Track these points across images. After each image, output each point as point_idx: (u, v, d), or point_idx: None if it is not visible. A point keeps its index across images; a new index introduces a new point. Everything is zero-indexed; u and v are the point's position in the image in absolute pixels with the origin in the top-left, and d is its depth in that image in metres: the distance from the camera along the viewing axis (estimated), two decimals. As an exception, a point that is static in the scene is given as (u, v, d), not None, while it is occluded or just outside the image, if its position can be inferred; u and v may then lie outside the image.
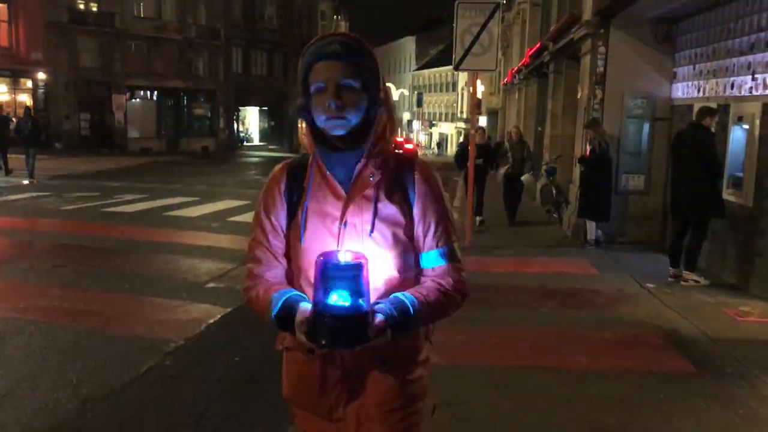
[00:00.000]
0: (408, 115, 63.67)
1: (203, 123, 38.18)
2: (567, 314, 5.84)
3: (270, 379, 3.85)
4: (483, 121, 32.75)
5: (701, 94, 7.98)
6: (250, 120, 44.63)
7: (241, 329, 5.07)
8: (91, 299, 5.96)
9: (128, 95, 33.26)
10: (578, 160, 9.43)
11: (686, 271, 6.86)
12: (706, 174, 6.64)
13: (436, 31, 60.98)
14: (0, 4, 28.49)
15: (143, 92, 34.72)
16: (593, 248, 8.71)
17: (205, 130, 37.90)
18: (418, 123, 62.18)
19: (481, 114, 32.40)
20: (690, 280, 6.80)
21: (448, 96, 57.44)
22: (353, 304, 1.46)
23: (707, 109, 6.87)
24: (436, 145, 58.56)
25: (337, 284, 1.46)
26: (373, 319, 1.50)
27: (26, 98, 29.36)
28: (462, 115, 49.00)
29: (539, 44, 15.76)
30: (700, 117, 6.78)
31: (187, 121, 36.75)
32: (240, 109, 41.63)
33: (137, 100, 34.33)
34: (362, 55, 1.64)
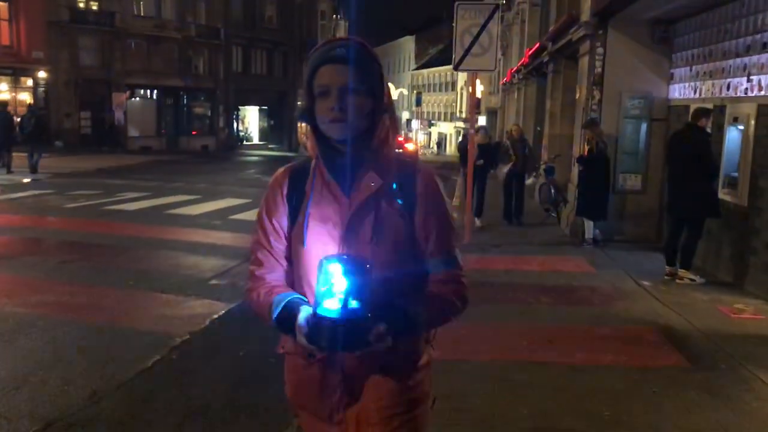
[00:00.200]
0: (407, 114, 63.74)
1: (203, 122, 38.26)
2: (564, 311, 5.95)
3: (274, 373, 3.91)
4: (482, 120, 32.84)
5: (698, 95, 8.09)
6: (250, 119, 44.68)
7: (245, 325, 5.16)
8: (97, 294, 6.07)
9: (128, 94, 33.35)
10: (576, 159, 9.53)
11: (682, 270, 6.97)
12: (702, 174, 6.75)
13: (436, 30, 61.03)
14: (1, 3, 28.54)
15: (143, 91, 34.83)
16: (591, 247, 8.82)
17: (205, 129, 37.96)
18: (417, 122, 62.27)
19: (480, 113, 32.47)
20: (685, 278, 6.91)
21: (447, 95, 57.52)
22: (354, 308, 1.47)
23: (703, 110, 6.97)
24: (435, 144, 58.68)
25: (338, 288, 1.47)
26: (373, 324, 1.50)
27: (27, 97, 29.39)
28: (461, 115, 49.08)
29: (538, 44, 15.87)
30: (696, 118, 6.88)
31: (186, 120, 36.83)
32: (240, 108, 41.70)
33: (137, 98, 34.43)
34: (367, 60, 1.65)
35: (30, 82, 29.88)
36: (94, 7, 32.45)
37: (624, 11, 8.60)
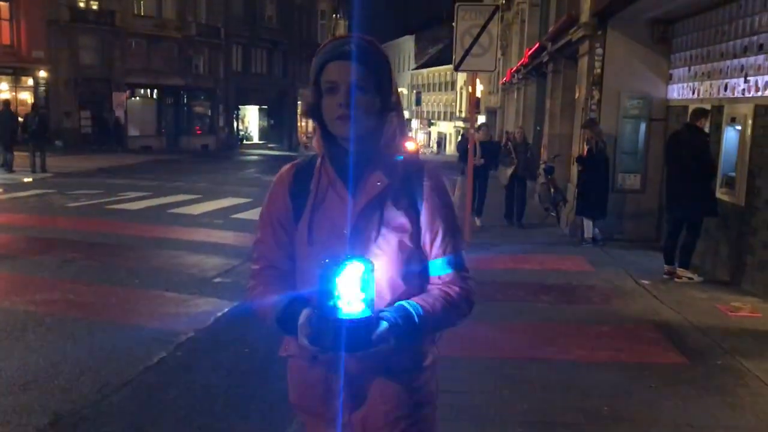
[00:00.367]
0: (407, 114, 63.81)
1: (203, 121, 38.32)
2: (563, 309, 6.03)
3: (278, 370, 4.00)
4: (482, 119, 32.88)
5: (696, 96, 8.16)
6: (250, 118, 44.74)
7: (249, 322, 5.21)
8: (102, 293, 6.15)
9: (128, 93, 33.41)
10: (576, 159, 9.60)
11: (680, 268, 7.05)
12: (701, 174, 6.82)
13: (435, 30, 61.07)
14: (1, 3, 28.59)
15: (143, 90, 34.88)
16: (590, 246, 8.89)
17: (205, 128, 38.03)
18: (417, 122, 62.35)
19: (479, 113, 32.52)
20: (684, 277, 6.99)
21: (447, 95, 57.56)
22: (357, 308, 1.45)
23: (701, 110, 7.05)
24: (435, 143, 58.76)
25: (342, 288, 1.45)
26: (377, 324, 1.49)
27: (27, 96, 29.46)
28: (461, 114, 49.14)
29: (538, 44, 15.93)
30: (695, 118, 6.96)
31: (186, 120, 36.88)
32: (240, 107, 41.76)
33: (137, 98, 34.49)
34: (376, 58, 1.62)
35: (30, 81, 29.93)
36: (95, 7, 32.49)
37: (623, 12, 8.68)
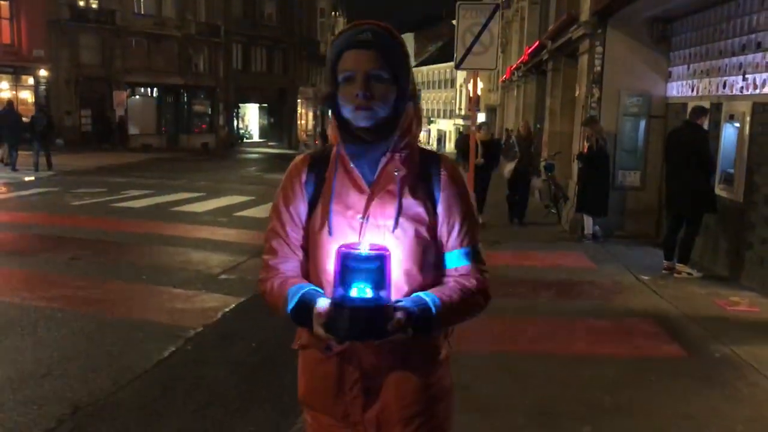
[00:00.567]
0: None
1: (203, 120, 38.39)
2: (565, 304, 6.11)
3: (286, 363, 4.11)
4: (481, 117, 32.96)
5: (695, 93, 8.25)
6: (250, 117, 44.82)
7: (256, 317, 5.33)
8: (110, 289, 6.25)
9: (129, 92, 33.49)
10: (576, 156, 9.69)
11: (680, 264, 7.13)
12: (700, 171, 6.91)
13: (435, 28, 61.21)
14: (2, 2, 28.65)
15: (143, 89, 34.95)
16: (590, 242, 8.98)
17: (205, 126, 38.11)
18: (417, 119, 62.43)
19: (479, 110, 32.59)
20: (683, 272, 7.08)
21: (447, 93, 57.69)
22: (373, 296, 1.44)
23: (701, 108, 7.14)
24: (435, 141, 58.87)
25: (358, 276, 1.44)
26: (393, 313, 1.47)
27: (28, 95, 29.57)
28: (460, 112, 49.22)
29: (538, 43, 16.01)
30: (695, 116, 7.05)
31: (186, 118, 36.95)
32: (240, 105, 41.82)
33: (137, 96, 34.55)
34: (393, 46, 1.59)
35: (31, 80, 30.01)
36: (95, 6, 32.56)
37: (623, 10, 8.76)
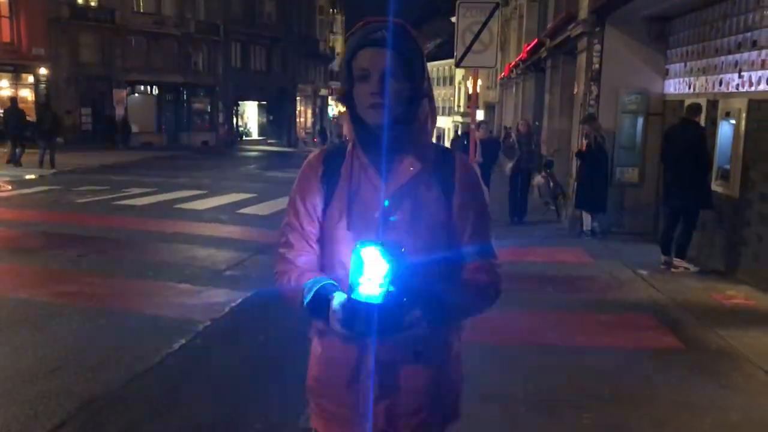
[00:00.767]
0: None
1: (203, 118, 38.46)
2: (564, 298, 6.23)
3: (293, 356, 4.17)
4: (480, 114, 33.07)
5: (692, 91, 8.36)
6: (249, 115, 44.89)
7: (262, 312, 5.44)
8: (118, 285, 6.36)
9: (128, 90, 33.56)
10: (575, 153, 9.80)
11: (677, 259, 7.25)
12: (697, 167, 7.02)
13: (433, 25, 61.16)
14: (2, 0, 28.69)
15: (143, 87, 35.02)
16: (589, 238, 9.09)
17: (204, 124, 38.19)
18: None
19: (478, 108, 32.68)
20: (680, 267, 7.19)
21: (445, 90, 57.68)
22: (390, 293, 1.46)
23: (697, 105, 7.26)
24: (436, 137, 58.98)
25: (374, 273, 1.47)
26: (409, 309, 1.49)
27: (28, 93, 29.62)
28: (459, 109, 49.31)
29: (536, 40, 16.10)
30: (692, 114, 7.16)
31: (186, 116, 37.02)
32: (239, 103, 41.89)
33: (137, 95, 34.62)
34: (409, 43, 1.60)
35: (31, 78, 30.06)
36: (94, 4, 32.62)
37: (621, 9, 8.87)
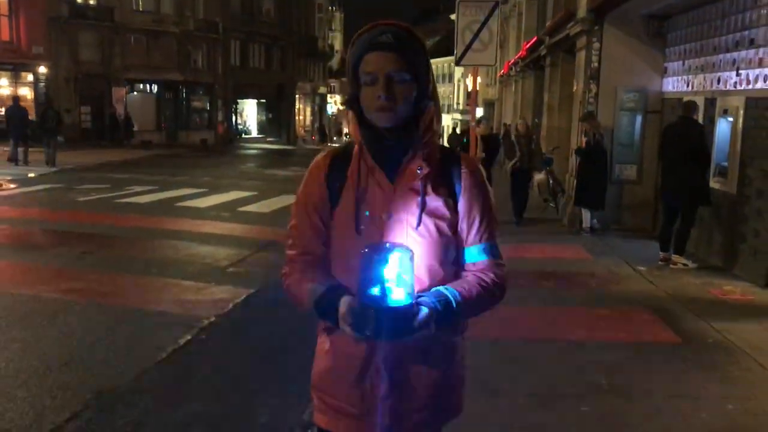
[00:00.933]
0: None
1: (202, 116, 38.51)
2: (564, 294, 6.31)
3: (297, 351, 4.31)
4: (479, 112, 33.11)
5: (690, 89, 8.44)
6: (248, 113, 44.95)
7: (266, 308, 5.53)
8: (123, 282, 6.44)
9: (128, 88, 33.61)
10: (574, 151, 9.87)
11: (675, 255, 7.33)
12: (695, 164, 7.10)
13: (432, 23, 61.18)
14: (1, -1, 28.77)
15: (143, 85, 35.06)
16: (588, 235, 9.16)
17: (204, 122, 38.24)
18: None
19: (477, 105, 32.71)
20: (679, 263, 7.27)
21: (445, 87, 57.70)
22: (399, 295, 1.48)
23: (693, 103, 7.35)
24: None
25: (383, 275, 1.48)
26: (418, 311, 1.51)
27: (27, 92, 29.66)
28: (458, 107, 49.36)
29: (536, 38, 16.17)
30: (690, 111, 7.24)
31: (185, 114, 37.06)
32: (238, 101, 41.94)
33: (136, 93, 34.67)
34: (413, 46, 1.63)
35: (30, 77, 30.11)
36: (93, 3, 32.64)
37: (619, 7, 8.94)
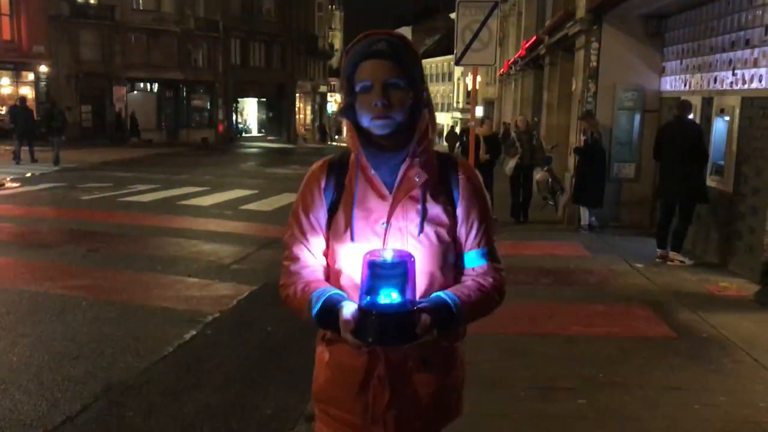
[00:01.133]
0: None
1: (202, 114, 38.59)
2: (562, 290, 6.41)
3: (299, 347, 4.43)
4: (479, 111, 33.20)
5: (687, 88, 8.53)
6: (249, 111, 45.03)
7: (269, 304, 5.61)
8: (128, 278, 6.54)
9: (128, 87, 33.70)
10: (573, 149, 9.97)
11: (672, 252, 7.43)
12: (693, 163, 7.20)
13: (432, 21, 61.27)
14: (2, -2, 28.86)
15: (143, 84, 35.15)
16: (587, 233, 9.27)
17: (204, 121, 38.33)
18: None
19: (477, 104, 32.77)
20: (676, 260, 7.37)
21: (444, 86, 57.83)
22: (400, 302, 1.49)
23: (688, 102, 7.47)
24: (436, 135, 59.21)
25: (385, 283, 1.49)
26: (418, 317, 1.51)
27: (28, 91, 29.75)
28: (458, 106, 49.45)
29: (535, 37, 16.26)
30: (685, 111, 7.34)
31: (186, 113, 37.15)
32: (238, 100, 42.01)
33: (137, 92, 34.75)
34: (408, 54, 1.64)
35: (31, 76, 30.22)
36: (94, 1, 32.72)
37: (618, 7, 9.03)
